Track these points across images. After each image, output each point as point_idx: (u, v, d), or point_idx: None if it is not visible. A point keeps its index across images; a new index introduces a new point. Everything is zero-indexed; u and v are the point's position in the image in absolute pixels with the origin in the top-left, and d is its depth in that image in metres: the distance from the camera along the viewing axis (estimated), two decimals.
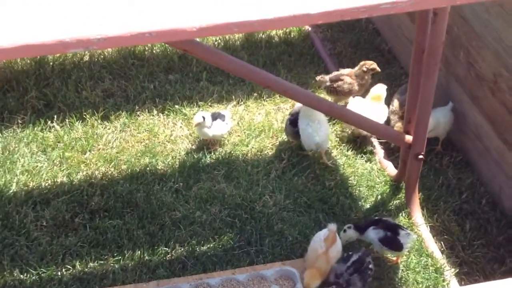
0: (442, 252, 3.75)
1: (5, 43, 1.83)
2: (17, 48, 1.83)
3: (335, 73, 4.64)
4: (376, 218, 3.75)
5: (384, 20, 5.34)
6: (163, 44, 5.15)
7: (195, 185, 4.08)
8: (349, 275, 3.31)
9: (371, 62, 4.58)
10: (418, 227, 3.86)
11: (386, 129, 3.88)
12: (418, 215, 3.91)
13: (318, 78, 4.67)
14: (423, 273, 3.63)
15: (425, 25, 3.46)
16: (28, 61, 4.94)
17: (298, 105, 4.46)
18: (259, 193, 4.05)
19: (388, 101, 4.48)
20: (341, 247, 3.52)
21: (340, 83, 4.54)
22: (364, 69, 4.54)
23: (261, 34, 5.36)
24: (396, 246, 3.56)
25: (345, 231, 3.65)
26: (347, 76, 4.57)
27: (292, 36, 5.39)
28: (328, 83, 4.59)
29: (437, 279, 3.59)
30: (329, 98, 4.58)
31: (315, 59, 5.17)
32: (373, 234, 3.60)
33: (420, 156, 3.77)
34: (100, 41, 1.87)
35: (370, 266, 3.43)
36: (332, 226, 3.49)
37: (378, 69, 4.56)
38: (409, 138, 3.80)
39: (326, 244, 3.42)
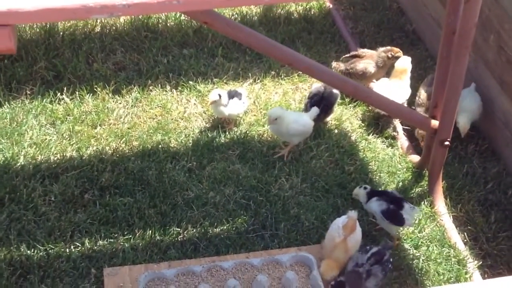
0: (465, 244, 3.71)
1: (28, 6, 1.78)
2: (39, 11, 1.79)
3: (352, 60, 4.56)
4: (382, 190, 3.69)
5: None
6: (177, 17, 5.10)
7: (209, 165, 4.04)
8: (370, 266, 3.27)
9: (397, 49, 4.48)
10: (440, 216, 3.82)
11: (411, 113, 3.83)
12: (441, 204, 3.87)
13: (333, 65, 4.59)
14: (445, 265, 3.59)
15: (457, 4, 3.39)
16: (38, 30, 4.88)
17: (315, 85, 4.41)
18: (275, 176, 4.01)
19: (413, 90, 4.40)
20: (360, 236, 3.47)
21: (354, 64, 4.47)
22: (389, 55, 4.45)
23: (280, 10, 5.29)
24: (397, 220, 3.53)
25: (360, 187, 3.68)
26: (364, 58, 4.48)
27: (312, 13, 5.31)
28: (342, 68, 4.52)
29: (459, 271, 3.56)
30: None
31: (336, 37, 5.10)
32: (376, 205, 3.57)
33: (446, 143, 3.72)
34: (125, 7, 1.82)
35: (391, 259, 3.39)
36: (353, 214, 3.41)
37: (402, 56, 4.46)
38: (435, 123, 3.75)
39: (344, 232, 3.37)
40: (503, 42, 3.98)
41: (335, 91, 4.29)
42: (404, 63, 4.42)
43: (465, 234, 3.77)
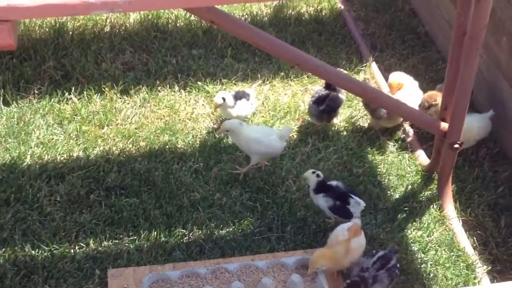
0: (475, 248, 3.68)
1: (28, 1, 1.78)
2: (39, 7, 1.79)
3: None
4: (328, 183, 3.70)
5: (421, 0, 5.23)
6: (187, 17, 5.10)
7: (216, 166, 4.03)
8: (375, 271, 3.24)
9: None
10: (450, 220, 3.79)
11: (420, 115, 3.80)
12: (450, 208, 3.84)
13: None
14: (453, 269, 3.56)
15: (468, 5, 3.36)
16: (47, 30, 4.91)
17: (317, 88, 4.40)
18: (282, 177, 3.99)
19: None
20: (364, 243, 3.44)
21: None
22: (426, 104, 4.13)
23: (290, 11, 5.28)
24: (345, 214, 3.60)
25: (313, 172, 3.66)
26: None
27: (323, 14, 5.30)
28: None
29: (468, 276, 3.52)
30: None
31: (346, 39, 5.08)
32: (322, 201, 3.63)
33: (456, 146, 3.69)
34: (126, 3, 1.82)
35: (398, 264, 3.36)
36: (357, 221, 3.48)
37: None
38: (444, 125, 3.72)
39: (349, 233, 3.36)
40: None
41: (341, 95, 4.27)
42: (397, 77, 4.34)
43: (475, 238, 3.73)
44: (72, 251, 3.54)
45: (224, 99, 4.15)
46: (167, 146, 4.15)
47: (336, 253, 3.33)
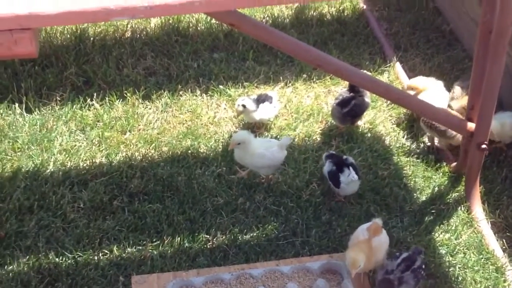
0: (504, 251, 3.63)
1: (49, 9, 1.81)
2: (60, 14, 1.82)
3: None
4: (335, 153, 3.94)
5: None
6: (208, 20, 5.13)
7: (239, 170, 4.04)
8: (400, 272, 3.22)
9: None
10: (478, 222, 3.75)
11: (447, 115, 3.77)
12: (478, 209, 3.80)
13: None
14: (482, 272, 3.52)
15: (494, 2, 3.33)
16: (68, 36, 4.96)
17: (341, 90, 4.39)
18: (306, 181, 3.99)
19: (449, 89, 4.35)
20: (387, 242, 3.42)
21: None
22: None
23: (312, 12, 5.28)
24: (335, 181, 3.76)
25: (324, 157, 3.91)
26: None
27: (345, 14, 5.29)
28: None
29: (497, 279, 3.48)
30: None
31: (369, 39, 5.06)
32: (326, 165, 3.86)
33: (483, 146, 3.65)
34: (147, 9, 1.83)
35: (423, 266, 3.34)
36: (378, 220, 3.45)
37: None
38: (471, 126, 3.68)
39: (368, 233, 3.35)
40: None
41: (367, 99, 4.25)
42: (421, 82, 4.32)
43: (504, 240, 3.69)
44: (96, 258, 3.56)
45: (244, 106, 4.16)
46: (189, 151, 4.17)
47: (363, 250, 3.29)
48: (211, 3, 1.89)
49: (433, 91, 4.27)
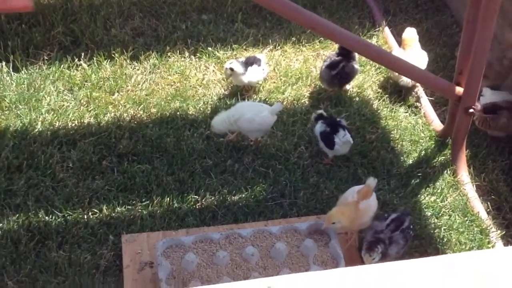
0: (488, 213, 3.71)
1: None
2: None
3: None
4: (327, 114, 3.93)
5: None
6: None
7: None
8: (390, 232, 3.27)
9: None
10: (463, 185, 3.81)
11: (435, 79, 3.79)
12: (464, 173, 3.86)
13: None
14: (467, 234, 3.59)
15: None
16: None
17: (331, 53, 4.40)
18: (295, 144, 4.01)
19: (436, 56, 4.36)
20: (375, 206, 3.44)
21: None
22: None
23: None
24: (329, 142, 3.77)
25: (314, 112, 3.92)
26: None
27: None
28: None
29: (482, 240, 3.56)
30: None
31: (359, 3, 5.06)
32: (318, 126, 3.84)
33: (471, 110, 3.69)
34: None
35: (411, 226, 3.39)
36: (371, 181, 3.37)
37: None
38: (459, 90, 3.72)
39: (358, 195, 3.37)
40: None
41: (356, 66, 4.26)
42: (411, 33, 4.36)
43: (488, 203, 3.76)
44: (85, 217, 3.58)
45: (232, 69, 4.16)
46: (178, 113, 4.17)
47: (349, 210, 3.33)
48: None
49: (417, 49, 4.29)
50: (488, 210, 3.72)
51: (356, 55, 4.24)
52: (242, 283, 1.85)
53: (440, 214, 3.69)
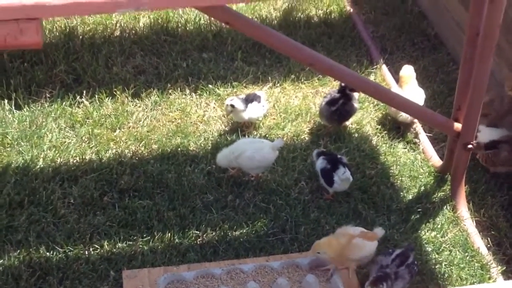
0: (489, 249, 3.71)
1: (56, 0, 1.83)
2: (67, 5, 1.83)
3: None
4: (328, 151, 3.99)
5: (430, 2, 5.28)
6: (197, 21, 5.15)
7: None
8: (396, 267, 3.28)
9: None
10: (463, 221, 3.82)
11: (433, 115, 3.83)
12: (464, 208, 3.87)
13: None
14: (468, 269, 3.59)
15: (481, 5, 3.40)
16: (57, 34, 4.96)
17: (332, 90, 4.45)
18: (295, 179, 4.03)
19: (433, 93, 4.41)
20: (370, 252, 3.42)
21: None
22: None
23: (300, 14, 5.33)
24: (329, 179, 3.79)
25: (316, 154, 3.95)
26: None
27: (332, 17, 5.35)
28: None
29: (482, 276, 3.55)
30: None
31: (356, 41, 5.13)
32: (319, 162, 3.89)
33: (469, 146, 3.73)
34: (151, 1, 1.86)
35: (415, 262, 3.40)
36: (379, 232, 3.46)
37: None
38: (458, 126, 3.76)
39: (360, 232, 3.39)
40: None
41: (356, 104, 4.31)
42: (409, 70, 4.43)
43: (489, 239, 3.76)
44: (86, 252, 3.57)
45: (233, 106, 4.20)
46: (179, 149, 4.19)
47: (339, 242, 3.35)
48: None
49: (414, 86, 4.35)
50: (489, 245, 3.73)
51: (356, 94, 4.30)
52: None
53: (440, 250, 3.69)
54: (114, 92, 4.55)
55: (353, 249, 3.37)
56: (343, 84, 4.22)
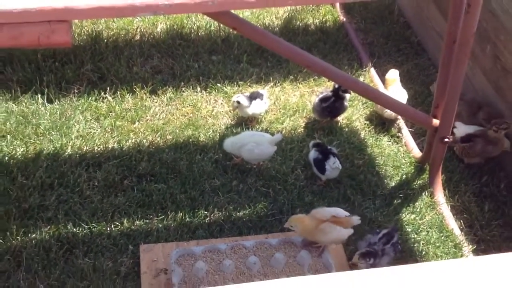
0: (461, 230, 3.72)
1: (82, 4, 1.84)
2: (91, 9, 1.85)
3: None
4: (321, 142, 3.95)
5: (414, 13, 5.27)
6: (208, 27, 5.16)
7: (234, 157, 4.08)
8: (382, 245, 3.30)
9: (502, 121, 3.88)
10: (439, 205, 3.83)
11: (414, 112, 3.84)
12: (440, 194, 3.88)
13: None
14: (443, 248, 3.60)
15: (458, 15, 3.40)
16: (85, 37, 4.97)
17: (325, 89, 4.45)
18: (292, 167, 4.04)
19: (416, 93, 4.41)
20: (340, 237, 3.32)
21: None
22: (494, 128, 3.85)
23: (298, 22, 5.33)
24: (320, 167, 3.80)
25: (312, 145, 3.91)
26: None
27: (327, 25, 5.34)
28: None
29: (455, 254, 3.57)
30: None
31: (348, 47, 5.12)
32: (312, 153, 3.88)
33: (446, 140, 3.73)
34: (167, 6, 1.87)
35: (399, 241, 3.42)
36: (355, 219, 3.34)
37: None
38: (436, 122, 3.76)
39: (330, 217, 3.30)
40: (498, 52, 3.98)
41: (346, 103, 4.31)
42: (394, 74, 4.42)
43: (461, 221, 3.77)
44: (108, 229, 3.59)
45: (238, 102, 4.21)
46: (190, 139, 4.20)
47: (309, 223, 3.30)
48: (223, 3, 1.93)
49: (398, 87, 4.36)
50: (461, 227, 3.74)
51: (348, 95, 4.29)
52: (246, 285, 1.85)
53: (419, 230, 3.70)
54: (134, 89, 4.57)
55: (319, 233, 3.30)
56: (337, 86, 4.23)
